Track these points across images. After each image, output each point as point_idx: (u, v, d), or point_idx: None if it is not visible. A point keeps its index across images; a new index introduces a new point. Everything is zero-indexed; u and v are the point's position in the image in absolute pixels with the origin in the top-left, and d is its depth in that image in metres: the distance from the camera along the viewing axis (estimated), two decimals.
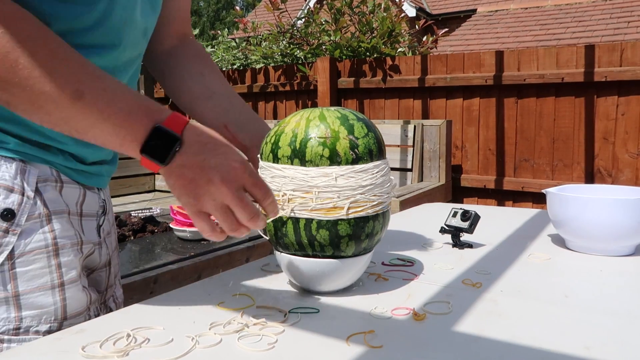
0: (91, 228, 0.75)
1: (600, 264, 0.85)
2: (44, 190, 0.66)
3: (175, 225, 1.66)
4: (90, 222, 0.75)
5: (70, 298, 0.68)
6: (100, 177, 0.77)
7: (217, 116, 0.84)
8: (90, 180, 0.75)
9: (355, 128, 0.68)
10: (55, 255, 0.66)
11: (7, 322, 0.63)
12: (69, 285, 0.68)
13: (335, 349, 0.55)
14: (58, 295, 0.66)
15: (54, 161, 0.68)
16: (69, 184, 0.70)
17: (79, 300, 0.69)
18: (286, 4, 3.84)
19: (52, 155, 0.68)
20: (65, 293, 0.67)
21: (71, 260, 0.68)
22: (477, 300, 0.68)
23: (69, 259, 0.68)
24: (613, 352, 0.54)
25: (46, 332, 0.65)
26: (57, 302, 0.66)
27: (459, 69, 3.03)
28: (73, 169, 0.71)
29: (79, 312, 0.69)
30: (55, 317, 0.66)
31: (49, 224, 0.66)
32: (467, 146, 3.06)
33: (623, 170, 2.66)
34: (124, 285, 1.24)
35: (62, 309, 0.67)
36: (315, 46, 3.79)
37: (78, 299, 0.69)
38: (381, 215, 0.70)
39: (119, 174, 3.29)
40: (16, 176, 0.64)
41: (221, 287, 0.74)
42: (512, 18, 9.02)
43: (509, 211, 1.31)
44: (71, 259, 0.68)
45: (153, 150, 0.56)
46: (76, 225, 0.71)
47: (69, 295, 0.67)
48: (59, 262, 0.67)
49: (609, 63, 2.61)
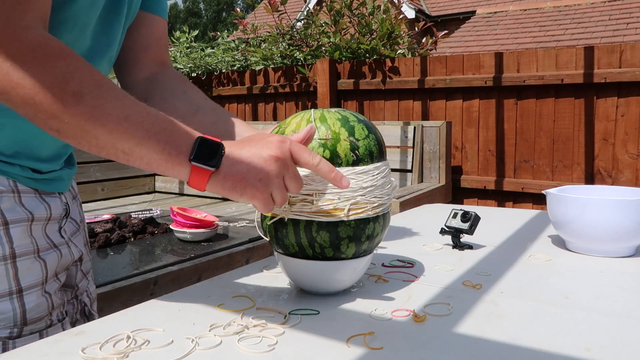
0: (54, 231, 0.75)
1: (601, 265, 0.85)
2: (0, 200, 0.67)
3: (176, 227, 1.66)
4: (53, 226, 0.75)
5: (29, 304, 0.69)
6: (59, 182, 0.78)
7: (205, 129, 0.85)
8: (50, 186, 0.75)
9: (356, 129, 0.68)
10: (13, 263, 0.67)
11: None
12: (28, 291, 0.69)
13: (336, 350, 0.55)
14: (16, 301, 0.68)
15: (10, 172, 0.69)
16: (26, 193, 0.71)
17: (38, 306, 0.70)
18: (285, 5, 3.84)
19: (9, 166, 0.69)
20: (23, 299, 0.68)
21: (29, 267, 0.69)
22: (478, 302, 0.68)
23: (27, 266, 0.69)
24: (613, 353, 0.54)
25: (6, 338, 0.67)
26: (16, 309, 0.67)
27: (459, 70, 3.03)
28: (30, 178, 0.72)
29: (40, 317, 0.70)
30: (15, 323, 0.67)
31: (5, 233, 0.67)
32: (467, 147, 3.06)
33: (623, 171, 2.66)
34: (125, 287, 1.24)
35: (21, 315, 0.68)
36: (315, 48, 3.79)
37: (38, 304, 0.70)
38: (381, 217, 0.70)
39: (119, 175, 3.28)
40: None
41: (221, 289, 0.74)
42: (511, 20, 9.03)
43: (509, 212, 1.31)
44: (29, 266, 0.69)
45: (203, 157, 0.59)
46: (36, 233, 0.71)
47: (27, 301, 0.68)
48: (17, 270, 0.68)
49: (608, 64, 2.62)
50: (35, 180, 0.72)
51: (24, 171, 0.71)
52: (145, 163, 0.59)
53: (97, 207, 2.81)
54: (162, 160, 0.59)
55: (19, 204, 0.69)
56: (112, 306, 1.18)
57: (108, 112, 0.57)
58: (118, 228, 1.73)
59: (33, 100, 0.55)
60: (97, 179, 3.11)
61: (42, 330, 0.71)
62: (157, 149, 0.58)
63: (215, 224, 1.70)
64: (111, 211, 2.58)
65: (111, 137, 0.57)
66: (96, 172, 3.10)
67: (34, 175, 0.72)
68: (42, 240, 0.72)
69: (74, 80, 0.56)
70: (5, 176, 0.68)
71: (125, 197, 3.29)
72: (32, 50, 0.55)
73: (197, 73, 4.12)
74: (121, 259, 1.48)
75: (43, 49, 0.56)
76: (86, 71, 0.58)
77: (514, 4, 9.69)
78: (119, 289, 1.23)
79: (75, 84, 0.56)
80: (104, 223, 1.77)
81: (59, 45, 0.58)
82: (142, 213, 2.26)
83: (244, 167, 0.60)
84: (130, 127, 0.57)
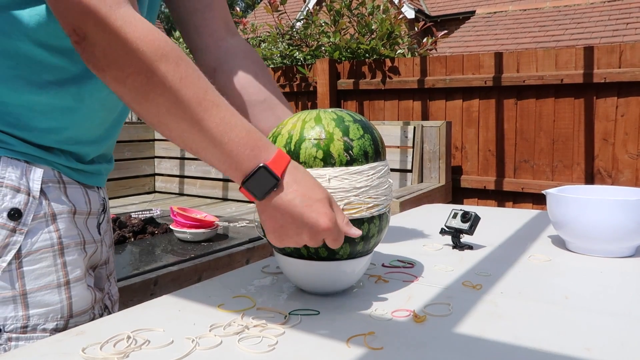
0: (93, 226, 0.76)
1: (601, 265, 0.85)
2: (47, 191, 0.68)
3: (176, 227, 1.66)
4: (92, 221, 0.76)
5: (75, 296, 0.69)
6: (99, 176, 0.79)
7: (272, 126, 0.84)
8: (90, 179, 0.77)
9: (350, 129, 0.68)
10: (61, 254, 0.68)
11: (15, 321, 0.65)
12: (74, 283, 0.69)
13: (336, 350, 0.55)
14: (64, 293, 0.68)
15: (55, 161, 0.70)
16: (71, 184, 0.72)
17: (84, 299, 0.71)
18: (285, 5, 3.84)
19: (54, 156, 0.70)
20: (71, 291, 0.69)
21: (76, 259, 0.70)
22: (478, 302, 0.68)
23: (74, 257, 0.70)
24: (613, 353, 0.54)
25: (53, 330, 0.67)
26: (64, 300, 0.68)
27: (458, 70, 3.03)
28: (74, 169, 0.73)
29: (84, 310, 0.71)
30: (62, 315, 0.68)
31: (53, 223, 0.68)
32: (466, 147, 3.06)
33: (623, 171, 2.66)
34: (125, 287, 1.24)
35: (68, 307, 0.68)
36: (315, 48, 3.79)
37: (83, 297, 0.71)
38: (377, 217, 0.69)
39: (119, 175, 3.28)
40: (22, 177, 0.66)
41: (221, 289, 0.74)
42: (510, 20, 9.03)
43: (509, 212, 1.31)
44: (76, 257, 0.70)
45: (252, 187, 0.60)
46: (80, 225, 0.72)
47: (74, 293, 0.69)
48: (65, 261, 0.68)
49: (608, 64, 2.62)
50: (77, 172, 0.73)
51: (68, 161, 0.72)
52: (210, 164, 0.61)
53: None
54: (223, 169, 0.61)
55: (64, 195, 0.70)
56: None
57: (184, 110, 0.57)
58: (118, 228, 1.73)
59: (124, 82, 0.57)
60: None
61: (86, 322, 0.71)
62: (221, 159, 0.60)
63: (216, 224, 1.70)
64: (111, 211, 2.58)
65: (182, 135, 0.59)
66: None
67: (77, 165, 0.73)
68: (86, 232, 0.73)
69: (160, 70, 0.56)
70: (50, 167, 0.69)
71: (126, 197, 3.29)
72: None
73: None
74: (121, 259, 1.48)
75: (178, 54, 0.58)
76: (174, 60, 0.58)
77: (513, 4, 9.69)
78: (119, 289, 1.22)
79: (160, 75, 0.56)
80: None
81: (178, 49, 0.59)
82: (142, 213, 2.26)
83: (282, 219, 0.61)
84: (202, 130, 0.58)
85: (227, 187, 3.25)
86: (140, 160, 3.43)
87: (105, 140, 0.80)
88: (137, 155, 3.40)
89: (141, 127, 3.44)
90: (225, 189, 3.26)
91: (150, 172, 3.49)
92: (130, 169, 3.36)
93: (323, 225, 0.60)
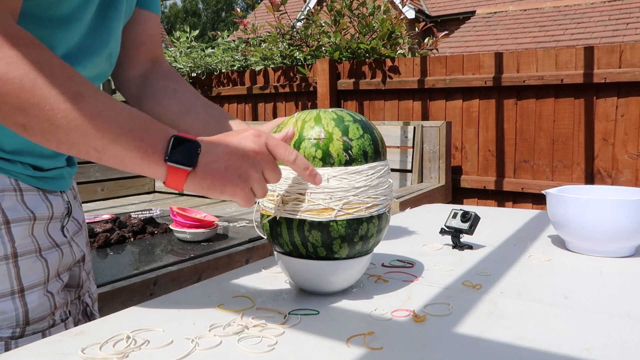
0: (56, 230, 0.75)
1: (600, 265, 0.85)
2: (2, 199, 0.67)
3: (175, 227, 1.66)
4: (55, 224, 0.75)
5: (31, 303, 0.68)
6: (61, 180, 0.78)
7: (198, 131, 0.85)
8: (51, 185, 0.75)
9: (350, 129, 0.68)
10: (15, 262, 0.67)
11: None
12: (29, 291, 0.68)
13: (336, 350, 0.55)
14: (18, 301, 0.67)
15: (12, 170, 0.69)
16: (29, 191, 0.71)
17: (41, 305, 0.70)
18: (286, 5, 3.84)
19: (11, 164, 0.69)
20: (25, 299, 0.68)
21: (31, 267, 0.69)
22: (477, 302, 0.68)
23: (29, 266, 0.68)
24: (613, 353, 0.54)
25: (9, 338, 0.66)
26: (19, 308, 0.67)
27: (459, 70, 3.03)
28: (32, 177, 0.71)
29: (42, 317, 0.70)
30: (17, 323, 0.67)
31: (7, 232, 0.66)
32: (466, 147, 3.06)
33: (623, 171, 2.66)
34: (124, 287, 1.24)
35: (23, 315, 0.67)
36: (315, 48, 3.79)
37: (40, 303, 0.70)
38: (377, 217, 0.69)
39: (119, 175, 3.28)
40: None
41: (221, 289, 0.74)
42: (511, 20, 9.03)
43: (508, 212, 1.31)
44: (31, 265, 0.69)
45: (179, 157, 0.57)
46: (38, 231, 0.71)
47: (29, 300, 0.68)
48: (18, 269, 0.67)
49: (608, 64, 2.62)
50: (37, 179, 0.72)
51: (25, 169, 0.70)
52: (119, 162, 0.57)
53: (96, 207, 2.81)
54: (138, 158, 0.57)
55: (21, 203, 0.69)
56: (112, 306, 1.18)
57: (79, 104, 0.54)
58: (118, 228, 1.73)
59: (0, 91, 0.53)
60: (96, 179, 3.11)
61: (45, 330, 0.70)
62: (132, 146, 0.56)
63: (215, 224, 1.70)
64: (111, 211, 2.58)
65: (83, 135, 0.55)
66: (96, 172, 3.10)
67: (36, 173, 0.72)
68: (44, 239, 0.71)
69: (44, 71, 0.53)
70: (6, 175, 0.68)
71: (125, 197, 3.29)
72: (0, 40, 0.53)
73: (197, 73, 4.12)
74: (121, 259, 1.48)
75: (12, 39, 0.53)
76: (57, 64, 0.55)
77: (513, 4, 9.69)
78: (119, 289, 1.23)
79: (46, 76, 0.53)
80: (103, 223, 1.77)
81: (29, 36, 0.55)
82: (142, 213, 2.26)
83: (221, 165, 0.59)
84: (104, 123, 0.55)
85: None
86: None
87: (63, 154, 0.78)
88: None
89: None
90: None
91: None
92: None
93: (250, 149, 0.59)
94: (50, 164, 0.75)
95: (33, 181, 0.71)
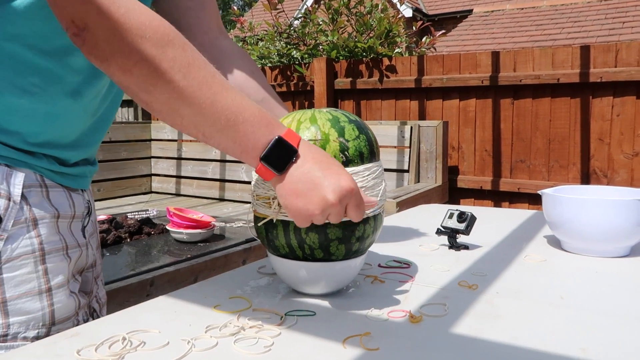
0: (77, 230, 0.75)
1: (596, 265, 0.85)
2: (29, 195, 0.66)
3: (172, 227, 1.66)
4: (77, 224, 0.75)
5: (58, 303, 0.68)
6: (83, 178, 0.78)
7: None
8: (74, 182, 0.75)
9: (346, 130, 0.68)
10: (42, 260, 0.66)
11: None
12: (56, 290, 0.68)
13: (332, 351, 0.55)
14: (45, 300, 0.66)
15: (37, 165, 0.68)
16: (53, 188, 0.70)
17: (67, 306, 0.69)
18: (283, 3, 3.83)
19: (36, 159, 0.68)
20: (52, 298, 0.67)
21: (57, 265, 0.68)
22: (474, 302, 0.68)
23: (56, 264, 0.68)
24: (609, 353, 0.54)
25: (34, 338, 0.65)
26: (45, 308, 0.66)
27: (455, 69, 3.03)
28: (57, 172, 0.71)
29: (67, 317, 0.69)
30: (43, 323, 0.66)
31: (35, 229, 0.66)
32: (463, 147, 3.06)
33: (618, 171, 2.67)
34: (121, 287, 1.24)
35: (49, 315, 0.67)
36: (312, 46, 3.79)
37: (66, 304, 0.69)
38: (372, 218, 0.69)
39: (116, 176, 3.28)
40: (2, 181, 0.64)
41: (218, 290, 0.74)
42: (508, 18, 9.04)
43: (505, 212, 1.31)
44: (58, 263, 0.68)
45: (272, 160, 0.59)
46: (63, 229, 0.71)
47: (56, 300, 0.67)
48: (46, 268, 0.67)
49: (604, 64, 2.62)
50: (61, 175, 0.72)
51: (50, 164, 0.70)
52: (222, 148, 0.60)
53: None
54: (238, 151, 0.60)
55: (47, 200, 0.68)
56: (108, 307, 1.17)
57: (196, 94, 0.57)
58: (114, 228, 1.73)
59: (130, 71, 0.56)
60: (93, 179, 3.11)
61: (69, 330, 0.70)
62: (236, 139, 0.59)
63: (212, 225, 1.70)
64: (107, 211, 2.57)
65: (194, 120, 0.58)
66: None
67: (61, 169, 0.72)
68: (69, 237, 0.71)
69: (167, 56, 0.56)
70: (32, 170, 0.68)
71: (122, 197, 3.28)
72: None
73: None
74: (117, 260, 1.48)
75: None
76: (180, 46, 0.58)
77: (510, 2, 9.70)
78: (115, 290, 1.23)
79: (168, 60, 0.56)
80: (100, 223, 1.77)
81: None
82: (139, 213, 2.26)
83: (308, 186, 0.59)
84: (215, 113, 0.57)
85: (223, 187, 3.25)
86: (137, 160, 3.42)
87: (88, 145, 0.78)
88: (133, 155, 3.40)
89: (138, 127, 3.43)
90: (221, 190, 3.26)
91: (146, 172, 3.49)
92: (126, 169, 3.36)
93: (345, 185, 0.59)
94: (75, 156, 0.75)
95: (57, 177, 0.71)
